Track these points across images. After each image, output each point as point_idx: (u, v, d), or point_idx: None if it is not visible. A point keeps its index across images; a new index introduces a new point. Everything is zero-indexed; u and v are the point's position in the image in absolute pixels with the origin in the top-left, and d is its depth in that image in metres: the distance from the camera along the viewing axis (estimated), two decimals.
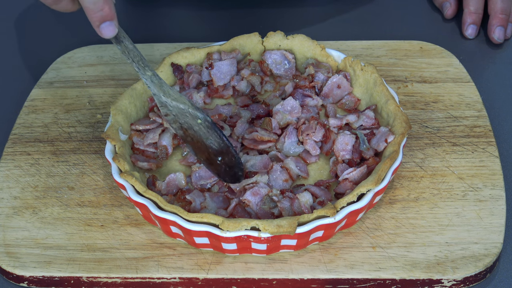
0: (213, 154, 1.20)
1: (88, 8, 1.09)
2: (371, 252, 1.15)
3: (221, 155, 1.20)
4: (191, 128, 1.20)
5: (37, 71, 1.52)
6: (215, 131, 1.20)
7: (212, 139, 1.20)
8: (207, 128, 1.20)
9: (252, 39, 1.41)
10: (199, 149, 1.21)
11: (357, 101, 1.34)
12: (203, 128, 1.20)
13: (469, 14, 1.57)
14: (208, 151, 1.20)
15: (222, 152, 1.20)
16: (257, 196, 1.18)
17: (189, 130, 1.20)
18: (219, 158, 1.20)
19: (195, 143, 1.21)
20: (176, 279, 1.14)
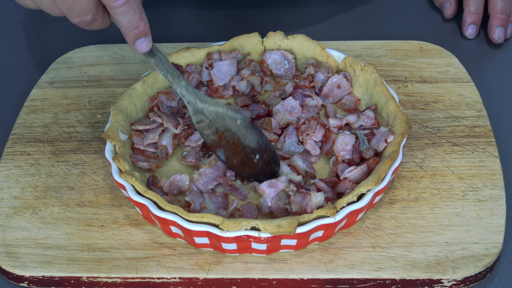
0: (251, 153, 1.21)
1: (124, 27, 1.11)
2: (371, 252, 1.15)
3: (260, 153, 1.21)
4: (228, 131, 1.21)
5: (37, 71, 1.52)
6: (254, 129, 1.21)
7: (251, 137, 1.21)
8: (246, 128, 1.21)
9: (252, 39, 1.41)
10: (235, 151, 1.21)
11: (357, 101, 1.34)
12: (242, 128, 1.20)
13: (469, 14, 1.57)
14: (245, 151, 1.21)
15: (260, 150, 1.21)
16: (273, 189, 1.17)
17: (225, 133, 1.21)
18: (257, 157, 1.21)
19: (231, 146, 1.21)
20: (176, 279, 1.14)
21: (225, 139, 1.21)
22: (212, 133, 1.22)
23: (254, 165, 1.21)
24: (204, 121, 1.21)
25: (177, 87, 1.21)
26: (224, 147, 1.22)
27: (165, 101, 1.33)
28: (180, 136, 1.28)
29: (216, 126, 1.21)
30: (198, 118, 1.22)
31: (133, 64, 1.50)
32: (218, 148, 1.23)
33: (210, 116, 1.21)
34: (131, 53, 1.53)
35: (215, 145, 1.23)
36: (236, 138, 1.21)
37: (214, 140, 1.22)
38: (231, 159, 1.22)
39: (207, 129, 1.22)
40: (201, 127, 1.22)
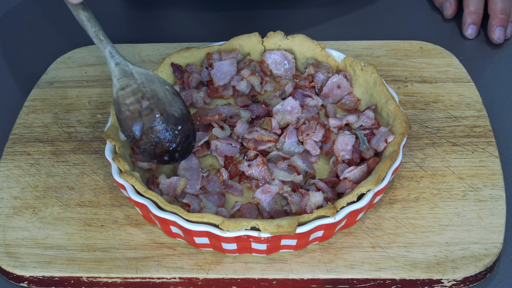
0: (173, 123, 1.18)
1: None
2: (371, 252, 1.15)
3: (182, 124, 1.19)
4: (155, 96, 1.18)
5: (37, 71, 1.52)
6: (179, 98, 1.20)
7: (177, 106, 1.19)
8: (172, 94, 1.20)
9: (252, 39, 1.41)
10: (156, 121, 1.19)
11: (357, 101, 1.34)
12: (168, 94, 1.19)
13: (469, 14, 1.57)
14: (169, 120, 1.19)
15: (183, 120, 1.19)
16: (268, 194, 1.18)
17: (151, 99, 1.18)
18: (179, 127, 1.19)
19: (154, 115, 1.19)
20: (176, 279, 1.14)
21: (149, 108, 1.18)
22: (136, 101, 1.18)
23: (174, 137, 1.18)
24: (131, 86, 1.18)
25: (106, 47, 1.18)
26: (146, 117, 1.18)
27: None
28: None
29: (143, 91, 1.18)
30: (124, 83, 1.18)
31: None
32: (136, 120, 1.18)
33: (139, 80, 1.18)
34: (131, 53, 1.53)
35: (134, 116, 1.18)
36: (162, 104, 1.18)
37: (135, 110, 1.18)
38: (149, 133, 1.18)
39: (131, 96, 1.18)
40: (123, 95, 1.18)
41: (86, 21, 1.17)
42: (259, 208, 1.19)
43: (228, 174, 1.24)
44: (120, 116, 1.19)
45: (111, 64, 1.19)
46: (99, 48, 1.19)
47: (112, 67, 1.19)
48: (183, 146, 1.19)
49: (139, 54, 1.52)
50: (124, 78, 1.18)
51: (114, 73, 1.18)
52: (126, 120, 1.19)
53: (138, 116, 1.19)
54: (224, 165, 1.26)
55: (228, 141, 1.26)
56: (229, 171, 1.24)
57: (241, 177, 1.24)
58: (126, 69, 1.18)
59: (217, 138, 1.27)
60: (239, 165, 1.24)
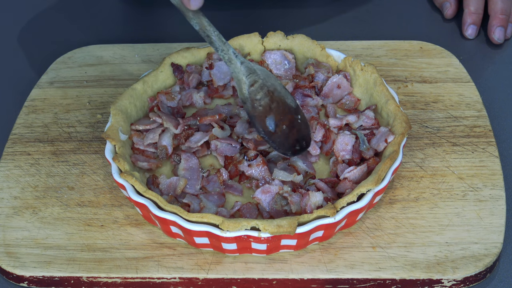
0: (294, 113, 1.23)
1: None
2: (371, 252, 1.15)
3: (299, 113, 1.24)
4: (276, 90, 1.23)
5: (37, 71, 1.52)
6: (288, 91, 1.25)
7: (290, 98, 1.24)
8: (284, 88, 1.25)
9: (252, 39, 1.41)
10: (284, 112, 1.23)
11: (357, 101, 1.34)
12: (283, 88, 1.24)
13: (469, 15, 1.57)
14: (291, 111, 1.23)
15: (299, 110, 1.24)
16: (268, 194, 1.18)
17: (275, 93, 1.23)
18: (299, 116, 1.23)
19: (280, 107, 1.23)
20: (176, 279, 1.14)
21: (275, 101, 1.22)
22: (265, 95, 1.22)
23: (298, 125, 1.23)
24: (257, 81, 1.22)
25: (229, 48, 1.21)
26: (275, 110, 1.22)
27: (165, 101, 1.33)
28: (180, 136, 1.28)
29: (267, 86, 1.22)
30: (252, 79, 1.22)
31: (133, 64, 1.50)
32: (268, 114, 1.22)
33: (262, 75, 1.22)
34: (131, 53, 1.53)
35: (266, 111, 1.22)
36: (282, 97, 1.23)
37: (266, 105, 1.22)
38: (281, 125, 1.22)
39: (259, 91, 1.22)
40: (254, 91, 1.22)
41: (208, 25, 1.20)
42: (259, 208, 1.19)
43: (228, 174, 1.24)
44: (254, 112, 1.22)
45: (237, 63, 1.22)
46: (222, 50, 1.22)
47: (238, 66, 1.22)
48: (306, 133, 1.24)
49: (139, 54, 1.52)
50: (251, 75, 1.22)
51: (242, 71, 1.22)
52: (260, 116, 1.22)
53: (269, 109, 1.22)
54: (224, 165, 1.26)
55: (228, 141, 1.26)
56: (229, 171, 1.24)
57: (241, 177, 1.24)
58: (249, 66, 1.23)
59: (217, 138, 1.27)
60: (239, 165, 1.24)
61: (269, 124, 1.22)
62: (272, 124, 1.22)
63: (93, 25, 1.68)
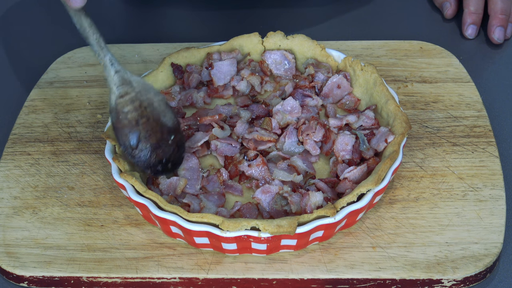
0: (167, 132, 1.19)
1: None
2: (371, 252, 1.15)
3: (174, 133, 1.20)
4: (151, 105, 1.19)
5: (37, 71, 1.52)
6: (171, 108, 1.21)
7: (169, 116, 1.20)
8: (165, 105, 1.21)
9: (252, 39, 1.41)
10: (152, 130, 1.19)
11: (357, 101, 1.34)
12: (162, 104, 1.20)
13: (469, 14, 1.57)
14: (162, 130, 1.19)
15: (175, 130, 1.20)
16: (268, 194, 1.18)
17: (148, 108, 1.19)
18: (172, 137, 1.19)
19: (150, 124, 1.19)
20: (176, 279, 1.14)
21: (146, 116, 1.18)
22: (134, 109, 1.18)
23: (167, 147, 1.19)
24: (129, 93, 1.18)
25: (106, 54, 1.18)
26: (142, 126, 1.18)
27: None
28: None
29: (141, 100, 1.18)
30: (124, 90, 1.18)
31: (133, 64, 1.50)
32: (133, 129, 1.18)
33: (137, 88, 1.19)
34: (131, 53, 1.53)
35: (131, 125, 1.18)
36: (156, 114, 1.19)
37: (132, 119, 1.18)
38: (144, 142, 1.18)
39: (129, 104, 1.18)
40: (122, 102, 1.18)
41: (88, 27, 1.17)
42: (259, 208, 1.19)
43: (228, 174, 1.24)
44: (117, 124, 1.18)
45: (111, 71, 1.19)
46: (99, 55, 1.19)
47: (111, 75, 1.18)
48: (175, 156, 1.21)
49: (139, 54, 1.52)
50: (123, 86, 1.18)
51: (114, 81, 1.18)
52: (123, 129, 1.18)
53: (135, 124, 1.18)
54: (224, 165, 1.26)
55: (228, 141, 1.27)
56: (229, 171, 1.24)
57: (241, 177, 1.24)
58: (125, 77, 1.19)
59: (217, 138, 1.27)
60: (239, 165, 1.24)
61: (131, 139, 1.18)
62: (134, 140, 1.18)
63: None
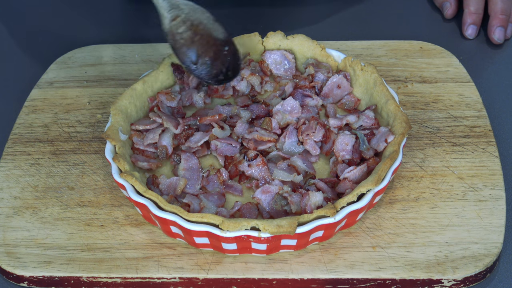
0: (221, 45, 1.27)
1: None
2: (371, 252, 1.15)
3: (228, 45, 1.27)
4: (202, 23, 1.26)
5: (37, 71, 1.52)
6: (220, 22, 1.28)
7: (219, 30, 1.27)
8: (214, 20, 1.27)
9: (252, 39, 1.41)
10: (208, 44, 1.26)
11: (357, 101, 1.34)
12: (211, 21, 1.27)
13: (469, 15, 1.57)
14: (217, 44, 1.26)
15: (228, 42, 1.27)
16: (268, 194, 1.18)
17: (199, 26, 1.26)
18: (226, 48, 1.27)
19: (204, 39, 1.26)
20: (176, 279, 1.14)
21: (199, 34, 1.26)
22: (187, 29, 1.25)
23: (224, 58, 1.27)
24: (180, 16, 1.25)
25: None
26: (197, 43, 1.26)
27: (165, 101, 1.33)
28: (180, 136, 1.28)
29: (191, 20, 1.25)
30: (174, 14, 1.25)
31: (133, 64, 1.50)
32: (190, 46, 1.26)
33: (186, 10, 1.25)
34: (131, 53, 1.53)
35: (188, 43, 1.26)
36: (208, 30, 1.26)
37: (187, 38, 1.25)
38: (203, 56, 1.26)
39: (182, 25, 1.25)
40: (175, 25, 1.25)
41: None
42: (259, 208, 1.19)
43: (228, 174, 1.24)
44: (175, 45, 1.26)
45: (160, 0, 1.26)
46: None
47: (160, 1, 1.25)
48: (233, 64, 1.28)
49: (139, 54, 1.52)
50: (173, 10, 1.25)
51: (163, 7, 1.25)
52: (182, 48, 1.26)
53: (191, 42, 1.26)
54: (224, 165, 1.26)
55: (228, 141, 1.27)
56: (229, 171, 1.24)
57: (241, 177, 1.24)
58: (172, 1, 1.26)
59: (217, 138, 1.27)
60: (239, 165, 1.24)
61: (191, 56, 1.26)
62: (194, 56, 1.26)
63: (93, 25, 1.68)
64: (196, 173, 1.23)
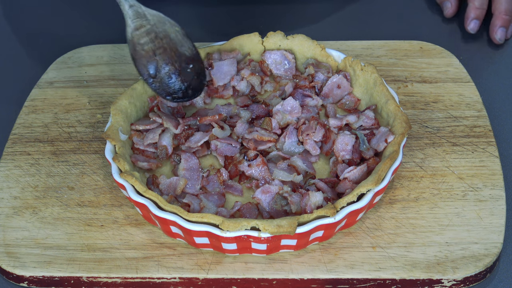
0: (185, 62, 1.25)
1: None
2: (371, 252, 1.15)
3: (193, 62, 1.26)
4: (167, 37, 1.25)
5: (37, 71, 1.52)
6: (188, 38, 1.27)
7: (186, 46, 1.26)
8: (183, 35, 1.26)
9: (252, 39, 1.41)
10: (170, 59, 1.25)
11: (357, 101, 1.34)
12: (179, 35, 1.25)
13: (473, 9, 1.56)
14: (181, 59, 1.25)
15: (193, 59, 1.26)
16: (268, 194, 1.18)
17: (164, 39, 1.24)
18: (191, 66, 1.25)
19: (167, 53, 1.25)
20: (176, 279, 1.14)
21: (163, 47, 1.24)
22: (150, 41, 1.24)
23: (186, 75, 1.25)
24: (144, 26, 1.24)
25: None
26: (159, 56, 1.24)
27: (165, 101, 1.33)
28: (180, 136, 1.28)
29: (156, 32, 1.24)
30: (138, 23, 1.24)
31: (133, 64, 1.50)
32: (150, 59, 1.24)
33: (152, 21, 1.24)
34: None
35: (149, 55, 1.24)
36: (173, 44, 1.25)
37: (149, 50, 1.24)
38: (163, 71, 1.24)
39: (145, 36, 1.24)
40: (138, 35, 1.24)
41: None
42: (259, 208, 1.19)
43: (228, 174, 1.24)
44: (135, 55, 1.25)
45: (125, 6, 1.24)
46: None
47: (126, 9, 1.24)
48: (195, 83, 1.26)
49: None
50: (138, 19, 1.24)
51: (128, 15, 1.24)
52: (141, 59, 1.25)
53: (152, 55, 1.25)
54: (224, 165, 1.26)
55: (228, 141, 1.27)
56: (229, 171, 1.24)
57: (241, 177, 1.24)
58: (139, 10, 1.24)
59: (217, 138, 1.27)
60: (239, 165, 1.24)
61: (150, 68, 1.24)
62: (152, 69, 1.24)
63: (93, 25, 1.68)
64: (196, 173, 1.23)
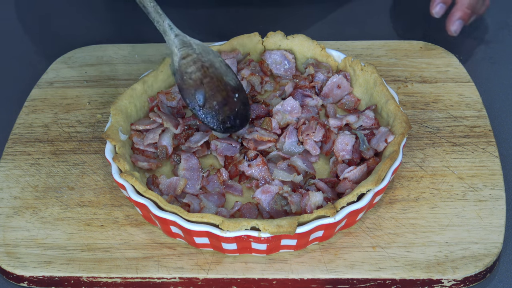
0: (231, 91, 1.25)
1: None
2: (371, 252, 1.15)
3: (238, 92, 1.25)
4: (212, 66, 1.24)
5: (37, 71, 1.52)
6: (231, 69, 1.27)
7: (230, 75, 1.26)
8: (226, 66, 1.26)
9: (252, 39, 1.41)
10: (217, 88, 1.24)
11: (357, 101, 1.34)
12: (223, 65, 1.25)
13: None
14: (227, 89, 1.24)
15: (238, 89, 1.25)
16: (268, 194, 1.18)
17: (210, 69, 1.24)
18: (236, 95, 1.25)
19: (214, 82, 1.24)
20: (176, 279, 1.14)
21: (209, 76, 1.24)
22: (197, 70, 1.24)
23: (233, 104, 1.24)
24: (191, 55, 1.24)
25: (165, 20, 1.24)
26: (206, 85, 1.23)
27: (165, 101, 1.33)
28: (180, 136, 1.28)
29: (202, 61, 1.24)
30: (185, 52, 1.24)
31: (133, 64, 1.50)
32: (199, 89, 1.23)
33: (198, 50, 1.24)
34: (131, 53, 1.53)
35: (197, 84, 1.23)
36: (219, 73, 1.24)
37: (197, 79, 1.23)
38: (211, 100, 1.23)
39: (192, 65, 1.24)
40: (185, 64, 1.24)
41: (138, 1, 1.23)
42: (259, 208, 1.19)
43: (228, 174, 1.24)
44: (183, 85, 1.24)
45: (171, 35, 1.25)
46: (157, 22, 1.25)
47: (172, 38, 1.25)
48: (242, 113, 1.25)
49: (139, 54, 1.52)
50: (184, 48, 1.24)
51: (175, 44, 1.24)
52: (189, 89, 1.24)
53: (200, 84, 1.24)
54: (224, 165, 1.26)
55: (228, 141, 1.27)
56: (229, 171, 1.24)
57: (241, 177, 1.24)
58: (185, 40, 1.25)
59: (217, 138, 1.27)
60: (239, 165, 1.24)
61: (198, 98, 1.23)
62: (201, 99, 1.23)
63: (93, 25, 1.68)
64: (196, 173, 1.23)
